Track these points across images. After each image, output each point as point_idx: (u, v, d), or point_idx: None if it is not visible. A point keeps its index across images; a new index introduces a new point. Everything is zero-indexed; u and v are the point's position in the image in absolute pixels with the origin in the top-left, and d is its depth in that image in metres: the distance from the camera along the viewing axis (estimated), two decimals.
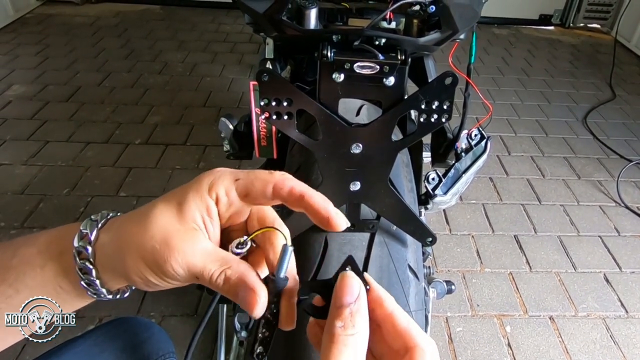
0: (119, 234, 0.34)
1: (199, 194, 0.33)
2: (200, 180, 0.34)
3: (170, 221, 0.32)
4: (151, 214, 0.33)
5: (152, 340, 0.67)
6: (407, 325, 0.30)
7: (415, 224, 0.63)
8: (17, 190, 1.67)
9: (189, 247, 0.32)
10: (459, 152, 0.84)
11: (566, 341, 1.31)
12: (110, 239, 0.34)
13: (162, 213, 0.32)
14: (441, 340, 1.28)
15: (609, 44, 3.28)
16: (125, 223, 0.34)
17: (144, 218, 0.33)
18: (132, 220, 0.34)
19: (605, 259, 1.58)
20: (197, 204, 0.33)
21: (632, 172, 2.01)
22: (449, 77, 0.49)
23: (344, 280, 0.31)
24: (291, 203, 0.33)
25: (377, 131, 0.53)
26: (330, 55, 0.51)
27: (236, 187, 0.33)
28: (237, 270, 0.32)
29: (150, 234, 0.32)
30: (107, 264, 0.34)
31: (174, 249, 0.31)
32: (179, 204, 0.33)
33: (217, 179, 0.33)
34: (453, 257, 1.55)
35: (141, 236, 0.32)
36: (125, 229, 0.33)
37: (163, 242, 0.31)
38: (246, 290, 0.31)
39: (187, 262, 0.31)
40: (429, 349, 0.30)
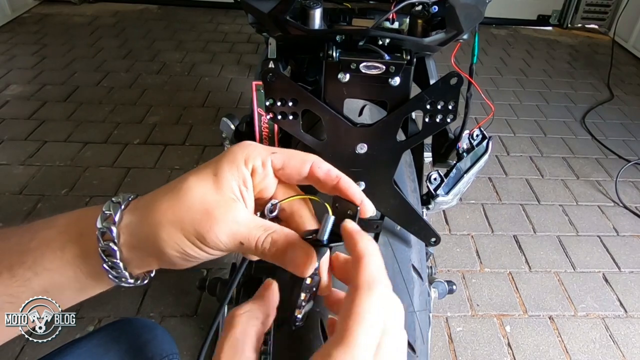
0: (149, 211, 0.33)
1: (235, 164, 0.33)
2: (234, 152, 0.34)
3: (208, 192, 0.32)
4: (185, 187, 0.32)
5: (155, 342, 0.67)
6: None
7: (420, 224, 0.63)
8: (15, 190, 1.66)
9: (231, 216, 0.32)
10: (461, 153, 0.84)
11: (566, 341, 1.31)
12: (138, 218, 0.33)
13: (197, 185, 0.32)
14: (441, 340, 1.29)
15: (606, 45, 3.29)
16: (154, 200, 0.33)
17: (176, 192, 0.32)
18: (163, 195, 0.33)
19: (604, 259, 1.58)
20: (233, 174, 0.33)
21: (631, 172, 2.02)
22: (454, 77, 0.49)
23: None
24: (324, 184, 0.35)
25: (382, 131, 0.53)
26: (336, 56, 0.51)
27: (272, 159, 0.34)
28: (283, 233, 0.33)
29: (187, 205, 0.32)
30: (134, 244, 0.33)
31: (216, 218, 0.31)
32: (214, 175, 0.33)
33: (253, 151, 0.34)
34: (453, 257, 1.55)
35: (177, 209, 0.32)
36: (156, 204, 0.33)
37: (203, 212, 0.31)
38: (295, 250, 0.32)
39: (232, 230, 0.32)
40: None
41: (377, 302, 0.27)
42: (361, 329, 0.26)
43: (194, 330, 1.25)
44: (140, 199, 0.35)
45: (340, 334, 0.26)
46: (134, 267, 0.35)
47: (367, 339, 0.26)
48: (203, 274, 1.40)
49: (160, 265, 0.35)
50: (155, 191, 0.34)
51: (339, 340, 0.25)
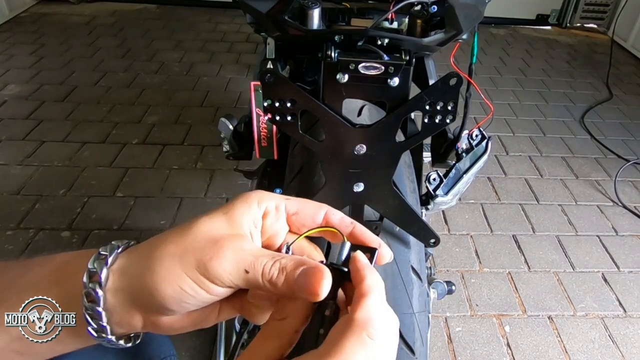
0: (150, 248, 0.32)
1: (247, 204, 0.33)
2: (247, 195, 0.34)
3: (217, 227, 0.32)
4: (194, 224, 0.32)
5: (153, 343, 0.66)
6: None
7: (419, 225, 0.63)
8: (12, 190, 1.65)
9: (238, 245, 0.31)
10: (460, 153, 0.84)
11: (565, 341, 1.31)
12: (135, 258, 0.33)
13: (206, 222, 0.32)
14: (440, 341, 1.28)
15: (605, 44, 3.29)
16: (158, 238, 0.33)
17: (184, 228, 0.32)
18: (169, 234, 0.32)
19: (603, 259, 1.58)
20: (245, 212, 0.33)
21: (630, 171, 2.01)
22: (454, 77, 0.49)
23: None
24: (337, 232, 0.35)
25: (382, 132, 0.53)
26: (335, 56, 0.50)
27: (287, 204, 0.35)
28: (290, 258, 0.32)
29: (191, 237, 0.31)
30: (122, 287, 0.32)
31: (222, 247, 0.30)
32: (225, 214, 0.33)
33: (267, 195, 0.34)
34: (452, 257, 1.54)
35: (181, 242, 0.31)
36: (160, 241, 0.32)
37: (210, 241, 0.31)
38: (306, 269, 0.30)
39: (237, 257, 0.30)
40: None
41: (362, 348, 0.27)
42: None
43: (193, 331, 1.24)
44: (142, 243, 0.34)
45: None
46: (116, 320, 0.33)
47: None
48: None
49: (145, 318, 0.33)
50: (163, 233, 0.34)
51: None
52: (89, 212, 1.59)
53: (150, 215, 1.60)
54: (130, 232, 1.52)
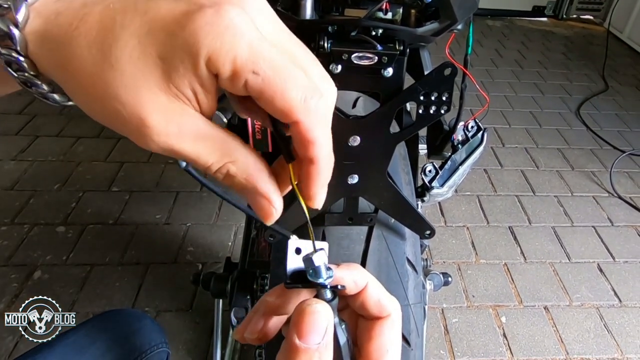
0: (63, 56, 0.22)
1: (191, 59, 0.21)
2: (198, 37, 0.21)
3: (146, 81, 0.22)
4: (114, 57, 0.21)
5: (144, 331, 0.66)
6: (378, 298, 0.28)
7: (414, 217, 0.62)
8: (6, 186, 1.64)
9: (174, 126, 0.22)
10: (456, 144, 0.84)
11: (561, 330, 1.32)
12: (49, 49, 0.23)
13: (133, 62, 0.21)
14: (437, 332, 1.29)
15: (601, 36, 3.29)
16: (71, 42, 0.22)
17: (103, 57, 0.22)
18: (84, 45, 0.22)
19: (598, 249, 1.59)
20: (187, 71, 0.22)
21: (625, 162, 2.02)
22: (448, 67, 0.48)
23: (308, 318, 0.24)
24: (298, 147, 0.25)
25: (376, 123, 0.53)
26: (327, 46, 0.50)
27: (249, 81, 0.22)
28: (244, 167, 0.24)
29: (113, 91, 0.21)
30: (49, 76, 0.24)
31: (150, 127, 0.22)
32: (162, 61, 0.21)
33: (225, 48, 0.21)
34: (448, 248, 1.55)
35: (100, 88, 0.22)
36: (74, 55, 0.22)
37: (134, 113, 0.22)
38: (256, 196, 0.25)
39: (171, 145, 0.22)
40: (398, 316, 0.28)
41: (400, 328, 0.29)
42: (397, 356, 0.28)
43: (190, 325, 1.25)
44: (57, 16, 0.23)
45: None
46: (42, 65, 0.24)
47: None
48: (198, 269, 1.40)
49: None
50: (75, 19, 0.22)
51: None
52: (84, 206, 1.58)
53: (146, 209, 1.60)
54: (126, 227, 1.52)
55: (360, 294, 0.28)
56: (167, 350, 0.71)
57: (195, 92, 0.23)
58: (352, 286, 0.28)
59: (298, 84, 0.22)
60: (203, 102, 0.23)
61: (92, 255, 1.41)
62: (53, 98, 0.26)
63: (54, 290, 1.30)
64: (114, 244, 1.46)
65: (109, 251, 1.43)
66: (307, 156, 0.25)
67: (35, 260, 1.38)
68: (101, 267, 1.38)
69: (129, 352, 0.64)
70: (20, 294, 1.28)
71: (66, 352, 0.59)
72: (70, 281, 1.33)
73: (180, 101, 0.22)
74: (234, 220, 1.57)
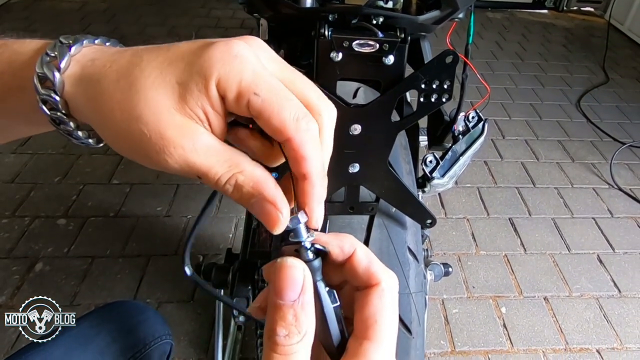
0: (96, 91, 0.26)
1: (205, 82, 0.25)
2: (210, 63, 0.25)
3: (165, 104, 0.25)
4: (139, 84, 0.25)
5: (147, 323, 0.67)
6: (367, 265, 0.28)
7: (415, 206, 0.63)
8: (7, 179, 1.64)
9: (188, 142, 0.25)
10: (456, 135, 0.84)
11: (560, 321, 1.32)
12: (85, 95, 0.27)
13: (155, 88, 0.25)
14: (437, 322, 1.29)
15: (602, 28, 3.28)
16: (104, 81, 0.26)
17: (129, 85, 0.26)
18: (113, 81, 0.26)
19: (598, 240, 1.59)
20: (200, 93, 0.25)
21: (625, 154, 2.02)
22: (450, 55, 0.48)
23: (283, 272, 0.25)
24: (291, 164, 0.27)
25: (377, 112, 0.53)
26: (328, 34, 0.50)
27: (250, 101, 0.25)
28: (251, 176, 0.27)
29: (137, 112, 0.25)
30: (83, 120, 0.28)
31: (168, 141, 0.25)
32: (180, 87, 0.25)
33: (232, 74, 0.25)
34: (448, 240, 1.55)
35: (125, 111, 0.25)
36: (105, 91, 0.26)
37: (155, 130, 0.25)
38: (263, 204, 0.26)
39: (186, 160, 0.26)
40: (389, 285, 0.28)
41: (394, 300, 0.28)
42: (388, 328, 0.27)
43: (191, 316, 1.25)
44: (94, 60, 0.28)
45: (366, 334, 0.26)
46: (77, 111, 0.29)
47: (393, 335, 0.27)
48: (199, 260, 1.40)
49: None
50: (110, 58, 0.27)
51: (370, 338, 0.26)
52: (84, 199, 1.59)
53: (147, 202, 1.60)
54: (127, 219, 1.52)
55: (349, 261, 0.29)
56: (170, 342, 0.71)
57: (207, 113, 0.26)
58: (337, 251, 0.29)
59: (292, 105, 0.26)
60: (213, 122, 0.27)
61: (93, 248, 1.42)
62: (77, 135, 0.30)
63: (55, 283, 1.30)
64: (115, 236, 1.46)
65: (110, 243, 1.43)
66: (300, 172, 0.27)
67: (37, 253, 1.39)
68: (102, 259, 1.39)
69: (133, 343, 0.64)
70: (22, 286, 1.29)
71: (70, 344, 0.59)
72: (71, 273, 1.33)
73: (194, 121, 0.26)
74: (234, 212, 1.57)
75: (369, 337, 0.26)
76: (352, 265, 0.28)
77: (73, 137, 0.30)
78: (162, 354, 0.69)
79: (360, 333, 0.26)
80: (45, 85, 0.27)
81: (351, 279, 0.29)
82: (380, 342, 0.26)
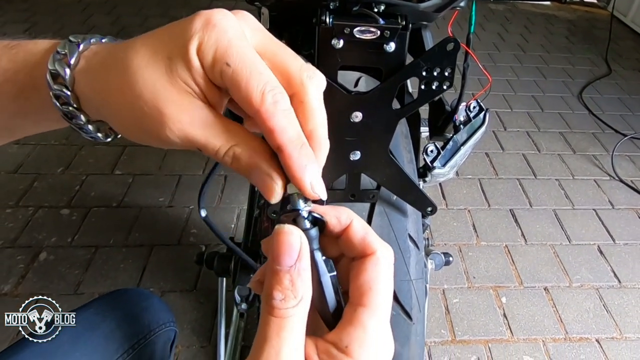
0: (101, 84, 0.28)
1: (185, 52, 0.26)
2: (189, 31, 0.26)
3: (159, 79, 0.26)
4: (133, 64, 0.26)
5: (152, 310, 0.68)
6: (363, 236, 0.29)
7: (416, 194, 0.63)
8: (10, 169, 1.65)
9: (186, 115, 0.26)
10: (458, 125, 0.84)
11: (560, 311, 1.33)
12: (91, 87, 0.29)
13: (146, 65, 0.26)
14: (438, 312, 1.30)
15: (605, 19, 3.25)
16: (104, 70, 0.28)
17: (125, 68, 0.27)
18: (112, 68, 0.28)
19: (599, 232, 1.60)
20: (184, 64, 0.26)
21: (627, 146, 2.02)
22: (451, 42, 0.48)
23: (280, 238, 0.26)
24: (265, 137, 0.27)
25: (378, 99, 0.53)
26: (329, 21, 0.50)
27: (222, 71, 0.26)
28: (248, 148, 0.27)
29: (136, 92, 0.26)
30: (93, 111, 0.30)
31: (167, 116, 0.26)
32: (167, 60, 0.26)
33: (209, 43, 0.26)
34: (450, 231, 1.56)
35: (126, 93, 0.27)
36: (107, 79, 0.28)
37: (153, 106, 0.26)
38: (260, 174, 0.27)
39: (185, 133, 0.27)
40: (384, 255, 0.28)
41: (389, 269, 0.28)
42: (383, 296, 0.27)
43: (194, 305, 1.27)
44: (97, 54, 0.29)
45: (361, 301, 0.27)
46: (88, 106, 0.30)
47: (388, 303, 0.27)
48: (201, 250, 1.41)
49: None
50: (110, 49, 0.29)
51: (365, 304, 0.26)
52: (87, 189, 1.60)
53: (149, 192, 1.61)
54: (130, 209, 1.53)
55: (346, 232, 0.29)
56: (174, 329, 0.72)
57: (198, 84, 0.27)
58: (334, 222, 0.29)
59: (261, 78, 0.26)
60: (207, 93, 0.27)
61: (96, 237, 1.43)
62: (88, 129, 0.31)
63: (59, 272, 1.31)
64: (118, 226, 1.47)
65: (113, 233, 1.44)
66: (274, 144, 0.26)
67: (41, 242, 1.40)
68: (106, 248, 1.40)
69: (138, 330, 0.65)
70: (27, 275, 1.30)
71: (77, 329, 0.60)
72: (75, 262, 1.35)
73: (188, 94, 0.27)
74: (236, 202, 1.58)
75: (363, 303, 0.26)
76: (349, 236, 0.29)
77: (84, 130, 0.32)
78: (166, 340, 0.70)
79: (356, 300, 0.27)
80: (58, 82, 0.28)
81: (347, 250, 0.29)
82: (375, 308, 0.26)
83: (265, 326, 0.24)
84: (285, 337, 0.24)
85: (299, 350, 0.25)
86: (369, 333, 0.26)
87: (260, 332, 0.25)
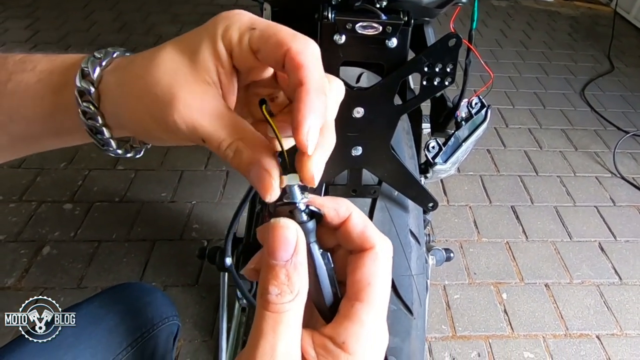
0: (125, 76, 0.30)
1: (212, 40, 0.27)
2: (215, 23, 0.28)
3: (181, 68, 0.27)
4: (159, 56, 0.28)
5: (155, 304, 0.68)
6: (362, 229, 0.28)
7: (417, 189, 0.63)
8: (13, 164, 1.66)
9: (197, 102, 0.27)
10: (459, 121, 0.84)
11: (561, 307, 1.34)
12: (116, 81, 0.30)
13: (171, 57, 0.28)
14: (439, 307, 1.31)
15: (608, 16, 3.24)
16: (131, 64, 0.30)
17: (150, 60, 0.28)
18: (139, 61, 0.29)
19: (600, 229, 1.60)
20: (210, 51, 0.27)
21: (629, 143, 2.02)
22: (453, 38, 0.49)
23: (275, 233, 0.25)
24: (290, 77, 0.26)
25: (379, 95, 0.53)
26: (332, 16, 0.50)
27: (250, 36, 0.27)
28: (251, 144, 0.27)
29: (155, 78, 0.27)
30: (112, 110, 0.30)
31: (178, 99, 0.27)
32: (192, 52, 0.28)
33: (233, 23, 0.27)
34: (451, 227, 1.56)
35: (146, 80, 0.28)
36: (131, 70, 0.29)
37: (167, 89, 0.27)
38: (259, 170, 0.26)
39: (193, 120, 0.27)
40: (383, 249, 0.28)
41: (388, 264, 0.28)
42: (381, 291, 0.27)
43: (196, 299, 1.27)
44: (123, 59, 0.31)
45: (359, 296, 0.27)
46: (118, 133, 0.32)
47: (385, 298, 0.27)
48: (203, 244, 1.42)
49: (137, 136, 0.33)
50: (137, 54, 0.31)
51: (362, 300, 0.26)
52: (90, 184, 1.60)
53: (151, 187, 1.61)
54: (132, 204, 1.54)
55: (344, 225, 0.29)
56: (177, 323, 0.72)
57: (219, 74, 0.28)
58: (332, 214, 0.29)
59: (288, 29, 0.27)
60: (225, 85, 0.29)
61: (99, 232, 1.44)
62: (109, 142, 0.32)
63: (62, 266, 1.32)
64: (121, 221, 1.48)
65: (116, 228, 1.45)
66: (297, 79, 0.25)
67: (44, 237, 1.41)
68: (108, 243, 1.40)
69: (141, 323, 0.66)
70: (30, 269, 1.31)
71: (80, 322, 0.61)
72: (78, 257, 1.35)
73: (205, 83, 0.28)
74: (238, 198, 1.58)
75: (361, 299, 0.26)
76: (347, 229, 0.28)
77: (107, 146, 0.33)
78: (169, 334, 0.70)
79: (353, 295, 0.27)
80: (85, 99, 0.30)
81: (345, 243, 0.29)
82: (372, 304, 0.26)
83: (260, 321, 0.24)
84: (281, 332, 0.24)
85: (295, 344, 0.25)
86: (366, 329, 0.26)
87: (256, 327, 0.24)
